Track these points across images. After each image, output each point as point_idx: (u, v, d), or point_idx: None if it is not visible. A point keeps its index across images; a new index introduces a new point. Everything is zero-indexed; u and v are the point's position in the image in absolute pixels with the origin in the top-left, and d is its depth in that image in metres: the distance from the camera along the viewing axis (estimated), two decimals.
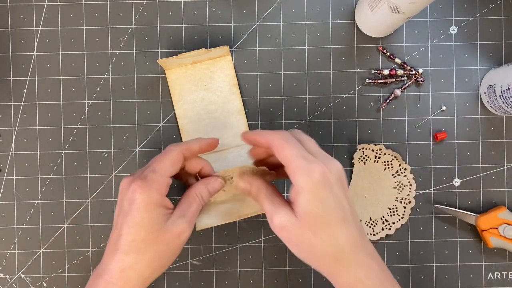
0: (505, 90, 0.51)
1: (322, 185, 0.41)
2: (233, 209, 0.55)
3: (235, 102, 0.55)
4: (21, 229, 0.57)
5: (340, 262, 0.42)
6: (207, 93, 0.55)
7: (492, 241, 0.54)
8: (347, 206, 0.42)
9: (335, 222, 0.42)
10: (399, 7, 0.46)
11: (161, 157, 0.46)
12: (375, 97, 0.57)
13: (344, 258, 0.42)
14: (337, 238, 0.41)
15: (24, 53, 0.57)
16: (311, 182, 0.41)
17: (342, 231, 0.42)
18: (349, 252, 0.42)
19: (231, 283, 0.57)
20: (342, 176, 0.43)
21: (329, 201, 0.41)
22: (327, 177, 0.41)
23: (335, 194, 0.42)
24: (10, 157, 0.57)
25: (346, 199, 0.43)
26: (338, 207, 0.42)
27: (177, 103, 0.55)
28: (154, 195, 0.44)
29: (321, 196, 0.41)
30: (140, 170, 0.47)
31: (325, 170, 0.41)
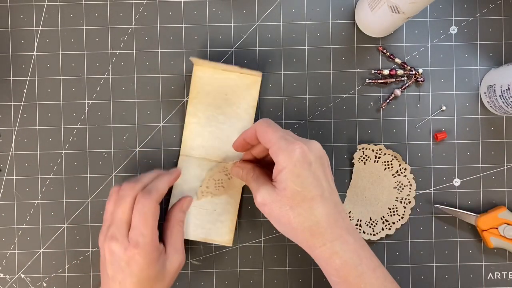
0: (505, 90, 0.51)
1: (301, 163, 0.44)
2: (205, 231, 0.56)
3: (246, 123, 0.55)
4: (21, 229, 0.57)
5: (316, 236, 0.44)
6: (224, 103, 0.54)
7: (492, 241, 0.54)
8: (325, 183, 0.45)
9: (312, 198, 0.44)
10: (399, 7, 0.46)
11: (143, 217, 0.48)
12: (375, 97, 0.57)
13: (320, 232, 0.44)
14: (313, 213, 0.44)
15: (24, 53, 0.57)
16: (291, 161, 0.44)
17: (318, 206, 0.44)
18: (325, 226, 0.44)
19: (231, 283, 0.57)
20: (322, 155, 0.46)
21: (308, 178, 0.44)
22: (306, 156, 0.44)
23: (314, 172, 0.44)
24: (10, 157, 0.57)
25: (325, 177, 0.45)
26: (316, 184, 0.44)
27: (192, 100, 0.54)
28: (152, 255, 0.48)
29: (300, 173, 0.44)
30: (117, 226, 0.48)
31: (304, 149, 0.44)
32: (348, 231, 0.45)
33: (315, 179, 0.44)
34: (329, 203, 0.45)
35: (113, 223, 0.48)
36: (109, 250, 0.47)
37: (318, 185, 0.44)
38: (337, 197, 0.46)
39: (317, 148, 0.46)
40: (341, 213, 0.46)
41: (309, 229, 0.44)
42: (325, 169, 0.46)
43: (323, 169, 0.45)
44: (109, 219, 0.49)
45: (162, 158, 0.57)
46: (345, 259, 0.44)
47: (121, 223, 0.48)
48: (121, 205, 0.48)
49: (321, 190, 0.45)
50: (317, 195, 0.44)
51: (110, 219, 0.49)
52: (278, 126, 0.47)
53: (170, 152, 0.57)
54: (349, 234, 0.45)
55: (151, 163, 0.57)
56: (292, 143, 0.44)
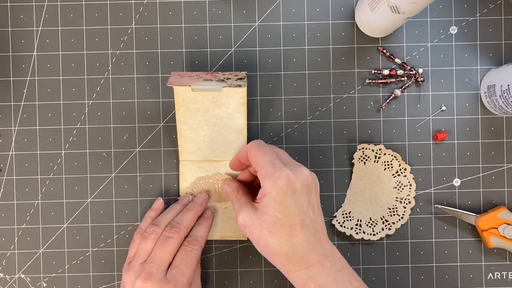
0: (505, 90, 0.51)
1: (285, 191, 0.45)
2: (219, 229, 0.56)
3: (239, 121, 0.54)
4: (21, 229, 0.57)
5: (293, 262, 0.46)
6: (213, 106, 0.53)
7: (492, 241, 0.54)
8: (308, 211, 0.46)
9: (291, 226, 0.45)
10: (399, 7, 0.46)
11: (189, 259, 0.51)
12: (375, 97, 0.57)
13: (296, 259, 0.45)
14: (291, 240, 0.45)
15: (24, 53, 0.57)
16: (275, 187, 0.45)
17: (297, 233, 0.45)
18: (302, 254, 0.45)
19: (231, 283, 0.57)
20: (309, 182, 0.47)
21: (290, 206, 0.45)
22: (291, 184, 0.45)
23: (297, 200, 0.45)
24: (10, 157, 0.57)
25: (309, 204, 0.46)
26: (298, 213, 0.45)
27: (179, 108, 0.53)
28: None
29: (283, 201, 0.45)
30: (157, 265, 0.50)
31: (290, 178, 0.45)
32: (326, 256, 0.46)
33: (297, 207, 0.45)
34: (308, 231, 0.46)
35: (152, 261, 0.49)
36: (140, 287, 0.49)
37: (299, 213, 0.45)
38: (319, 223, 0.47)
39: (305, 175, 0.46)
40: (320, 239, 0.47)
41: (286, 255, 0.45)
42: (311, 196, 0.47)
43: (308, 196, 0.46)
44: (143, 255, 0.50)
45: (162, 158, 0.57)
46: (320, 283, 0.45)
47: (162, 262, 0.50)
48: (165, 246, 0.50)
49: (302, 218, 0.45)
50: (297, 223, 0.45)
51: (144, 255, 0.50)
52: (269, 149, 0.48)
53: (170, 152, 0.57)
54: (327, 259, 0.46)
55: (151, 163, 0.57)
56: (279, 170, 0.45)
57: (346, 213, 0.56)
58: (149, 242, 0.51)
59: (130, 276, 0.50)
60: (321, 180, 0.57)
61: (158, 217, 0.53)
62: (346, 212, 0.56)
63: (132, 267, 0.50)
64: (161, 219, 0.53)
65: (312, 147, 0.57)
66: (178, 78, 0.52)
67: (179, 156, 0.55)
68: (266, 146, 0.48)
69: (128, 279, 0.50)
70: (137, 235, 0.52)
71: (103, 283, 0.57)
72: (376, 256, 0.57)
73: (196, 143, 0.55)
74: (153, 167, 0.57)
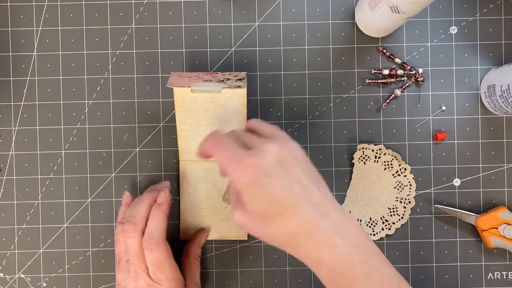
0: (505, 90, 0.51)
1: (254, 183, 0.39)
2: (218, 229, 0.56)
3: (239, 121, 0.53)
4: (21, 229, 0.57)
5: (298, 248, 0.40)
6: (213, 106, 0.52)
7: (492, 241, 0.54)
8: (295, 188, 0.39)
9: (281, 213, 0.39)
10: (399, 7, 0.46)
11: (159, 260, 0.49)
12: (375, 97, 0.57)
13: (299, 244, 0.40)
14: (286, 226, 0.39)
15: (24, 53, 0.57)
16: (243, 184, 0.39)
17: (291, 218, 0.39)
18: (304, 236, 0.39)
19: (231, 283, 0.57)
20: (281, 159, 0.40)
21: (267, 195, 0.39)
22: (258, 171, 0.39)
23: (275, 184, 0.39)
24: (10, 157, 0.57)
25: (295, 180, 0.40)
26: (281, 197, 0.39)
27: (179, 108, 0.53)
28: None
29: (257, 193, 0.39)
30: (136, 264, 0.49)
31: (254, 167, 0.39)
32: (337, 233, 0.40)
33: (277, 191, 0.39)
34: (305, 209, 0.39)
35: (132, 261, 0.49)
36: (134, 286, 0.48)
37: (284, 196, 0.39)
38: (318, 195, 0.40)
39: (272, 152, 0.40)
40: (325, 213, 0.40)
41: (288, 243, 0.40)
42: (292, 171, 0.40)
43: (287, 173, 0.40)
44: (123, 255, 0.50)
45: (162, 158, 0.57)
46: (332, 266, 0.40)
47: (139, 261, 0.49)
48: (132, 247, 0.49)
49: (291, 199, 0.39)
50: (286, 206, 0.39)
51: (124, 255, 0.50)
52: (225, 140, 0.42)
53: (170, 152, 0.57)
54: (338, 236, 0.40)
55: (151, 163, 0.57)
56: (239, 164, 0.39)
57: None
58: (120, 242, 0.50)
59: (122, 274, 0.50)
60: None
61: (131, 212, 0.51)
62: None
63: (121, 266, 0.50)
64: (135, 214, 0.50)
65: (312, 147, 0.57)
66: (177, 78, 0.52)
67: (179, 156, 0.55)
68: (223, 136, 0.43)
69: (122, 278, 0.50)
70: (118, 234, 0.51)
71: (103, 283, 0.57)
72: None
73: (196, 143, 0.55)
74: (153, 167, 0.57)
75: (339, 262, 0.39)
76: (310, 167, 0.42)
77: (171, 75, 0.53)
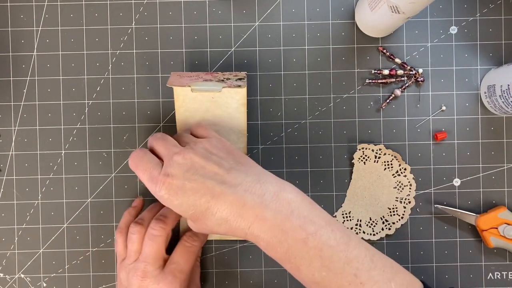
0: (505, 90, 0.51)
1: (172, 197, 0.42)
2: None
3: (239, 121, 0.53)
4: (21, 229, 0.57)
5: (234, 230, 0.42)
6: (213, 106, 0.52)
7: (492, 241, 0.54)
8: (210, 182, 0.42)
9: (207, 207, 0.42)
10: (399, 7, 0.46)
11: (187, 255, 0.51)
12: (375, 97, 0.57)
13: (233, 226, 0.41)
14: (216, 216, 0.41)
15: (24, 53, 0.57)
16: (164, 200, 0.43)
17: (217, 207, 0.41)
18: (234, 217, 0.41)
19: (231, 283, 0.57)
20: (188, 166, 0.42)
21: (187, 199, 0.42)
22: (171, 188, 0.42)
23: (190, 190, 0.42)
24: (10, 157, 0.57)
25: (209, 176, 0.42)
26: (200, 195, 0.41)
27: (179, 109, 0.53)
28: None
29: (177, 204, 0.42)
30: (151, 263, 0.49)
31: (166, 185, 0.42)
32: (265, 205, 0.41)
33: (196, 193, 0.42)
34: (227, 194, 0.41)
35: (144, 260, 0.49)
36: (138, 284, 0.48)
37: (203, 193, 0.42)
38: (237, 177, 0.42)
39: (180, 165, 0.42)
40: (248, 190, 0.42)
41: (226, 229, 0.42)
42: (203, 171, 0.42)
43: (199, 175, 0.42)
44: (133, 256, 0.50)
45: None
46: (267, 239, 0.41)
47: (155, 260, 0.49)
48: (153, 245, 0.49)
49: (210, 193, 0.42)
50: (209, 201, 0.42)
51: (134, 255, 0.50)
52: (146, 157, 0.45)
53: None
54: (267, 208, 0.41)
55: None
56: (156, 184, 0.42)
57: (346, 213, 0.56)
58: (135, 243, 0.50)
59: (126, 274, 0.50)
60: (321, 180, 0.57)
61: (141, 215, 0.52)
62: (346, 212, 0.56)
63: (126, 265, 0.50)
64: (144, 216, 0.52)
65: (312, 147, 0.57)
66: (177, 78, 0.52)
67: None
68: (141, 156, 0.45)
69: (125, 277, 0.50)
70: (117, 234, 0.52)
71: (103, 283, 0.57)
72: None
73: None
74: None
75: (272, 232, 0.40)
76: (229, 154, 0.45)
77: (171, 75, 0.53)
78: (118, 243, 0.52)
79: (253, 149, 0.57)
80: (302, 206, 0.42)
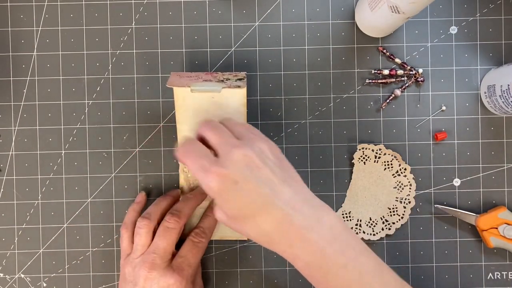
0: (505, 90, 0.51)
1: (224, 191, 0.41)
2: None
3: (239, 121, 0.52)
4: (21, 229, 0.57)
5: (274, 244, 0.42)
6: (212, 106, 0.52)
7: (492, 241, 0.54)
8: (264, 190, 0.41)
9: (252, 214, 0.41)
10: (399, 7, 0.46)
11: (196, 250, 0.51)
12: (375, 97, 0.57)
13: (274, 241, 0.42)
14: (260, 226, 0.41)
15: (24, 53, 0.57)
16: (213, 193, 0.41)
17: (264, 219, 0.41)
18: (278, 234, 0.41)
19: (231, 283, 0.57)
20: (247, 163, 0.41)
21: (237, 200, 0.41)
22: (225, 181, 0.40)
23: (244, 190, 0.40)
24: (10, 157, 0.57)
25: (263, 182, 0.41)
26: (252, 199, 0.41)
27: (179, 108, 0.52)
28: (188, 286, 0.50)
29: (228, 199, 0.41)
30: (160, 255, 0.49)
31: (221, 177, 0.40)
32: (309, 227, 0.41)
33: (247, 197, 0.41)
34: (274, 209, 0.41)
35: (154, 252, 0.49)
36: (145, 276, 0.48)
37: (252, 200, 0.41)
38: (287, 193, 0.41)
39: (239, 161, 0.41)
40: (297, 209, 0.41)
41: (265, 241, 0.42)
42: (260, 174, 0.41)
43: (255, 177, 0.41)
44: (140, 249, 0.50)
45: (162, 158, 0.57)
46: (307, 261, 0.41)
47: (165, 253, 0.49)
48: (166, 237, 0.50)
49: (260, 202, 0.41)
50: (258, 208, 0.41)
51: (141, 249, 0.50)
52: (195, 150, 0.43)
53: (170, 152, 0.57)
54: (312, 231, 0.41)
55: (151, 163, 0.57)
56: (207, 174, 0.41)
57: (346, 213, 0.56)
58: (143, 236, 0.50)
59: (132, 268, 0.50)
60: (321, 180, 0.57)
61: (148, 209, 0.52)
62: (346, 212, 0.56)
63: (132, 260, 0.50)
64: (151, 211, 0.52)
65: (312, 147, 0.57)
66: (177, 78, 0.52)
67: None
68: (193, 144, 0.44)
69: (131, 271, 0.50)
70: (122, 230, 0.53)
71: (103, 283, 0.57)
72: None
73: None
74: (153, 167, 0.57)
75: (314, 256, 0.41)
76: (282, 164, 0.43)
77: (171, 75, 0.53)
78: (123, 239, 0.52)
79: None
80: (342, 231, 0.42)
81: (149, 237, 0.51)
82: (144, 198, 0.56)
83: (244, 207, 0.41)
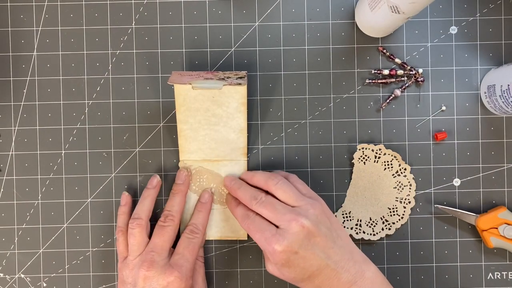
0: (505, 90, 0.51)
1: (284, 261, 0.47)
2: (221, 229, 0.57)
3: (239, 120, 0.53)
4: (21, 229, 0.57)
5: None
6: (213, 105, 0.53)
7: (492, 241, 0.54)
8: (321, 255, 0.47)
9: (309, 276, 0.47)
10: (399, 7, 0.46)
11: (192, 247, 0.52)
12: (375, 97, 0.57)
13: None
14: (313, 282, 0.47)
15: (24, 53, 0.57)
16: (275, 260, 0.47)
17: (316, 278, 0.47)
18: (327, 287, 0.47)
19: (231, 283, 0.57)
20: (307, 233, 0.46)
21: (297, 266, 0.47)
22: (287, 252, 0.46)
23: (303, 257, 0.46)
24: (10, 157, 0.57)
25: (319, 250, 0.47)
26: (309, 264, 0.47)
27: (180, 108, 0.53)
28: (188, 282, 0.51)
29: (286, 268, 0.47)
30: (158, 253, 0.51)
31: (284, 247, 0.46)
32: (353, 282, 0.47)
33: (307, 262, 0.47)
34: (327, 270, 0.47)
35: (152, 250, 0.50)
36: (144, 276, 0.49)
37: (312, 264, 0.47)
38: (337, 254, 0.47)
39: (299, 233, 0.46)
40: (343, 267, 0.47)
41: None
42: (317, 242, 0.47)
43: (312, 245, 0.47)
44: (136, 249, 0.51)
45: (162, 158, 0.57)
46: None
47: (163, 250, 0.51)
48: (163, 235, 0.51)
49: (317, 264, 0.47)
50: (313, 270, 0.47)
51: (138, 249, 0.51)
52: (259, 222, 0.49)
53: (170, 152, 0.57)
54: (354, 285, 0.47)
55: (151, 163, 0.57)
56: (269, 244, 0.47)
57: (346, 213, 0.56)
58: (137, 236, 0.51)
59: (130, 270, 0.50)
60: (321, 180, 0.57)
61: (135, 209, 0.53)
62: (346, 212, 0.56)
63: (130, 262, 0.51)
64: (139, 210, 0.53)
65: (312, 147, 0.57)
66: (178, 77, 0.52)
67: (180, 156, 0.55)
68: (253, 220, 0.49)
69: (129, 273, 0.50)
70: (118, 234, 0.53)
71: (103, 283, 0.57)
72: (376, 256, 0.57)
73: (196, 142, 0.55)
74: (153, 167, 0.57)
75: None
76: (332, 224, 0.49)
77: (172, 74, 0.53)
78: (119, 242, 0.53)
79: (253, 149, 0.57)
80: (380, 282, 0.48)
81: (143, 235, 0.51)
82: (130, 198, 0.56)
83: (302, 272, 0.47)
